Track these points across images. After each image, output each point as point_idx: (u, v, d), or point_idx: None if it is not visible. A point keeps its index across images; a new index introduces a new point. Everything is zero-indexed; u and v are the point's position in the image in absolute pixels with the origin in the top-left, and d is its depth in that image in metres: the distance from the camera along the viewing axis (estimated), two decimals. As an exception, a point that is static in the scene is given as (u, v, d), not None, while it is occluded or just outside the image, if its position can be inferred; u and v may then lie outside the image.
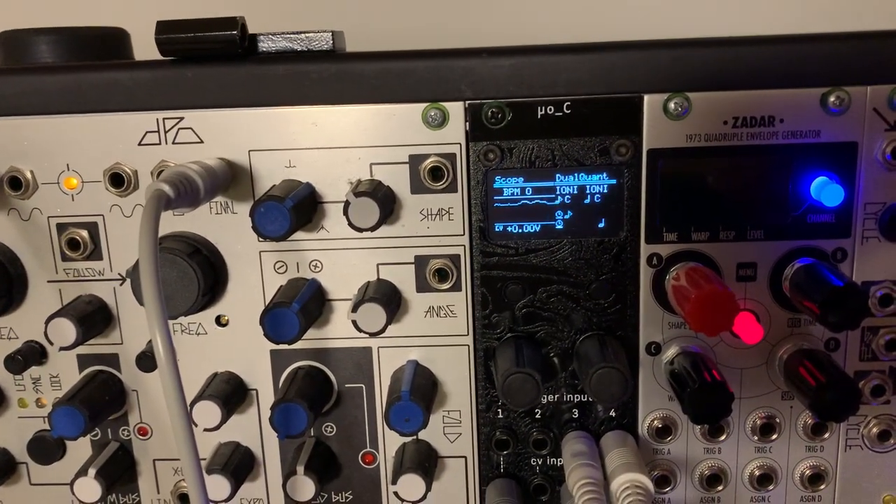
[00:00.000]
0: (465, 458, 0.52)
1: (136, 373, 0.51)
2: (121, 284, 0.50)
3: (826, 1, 0.77)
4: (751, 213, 0.47)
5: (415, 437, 0.51)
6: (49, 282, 0.50)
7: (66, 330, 0.47)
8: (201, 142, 0.48)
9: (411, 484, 0.49)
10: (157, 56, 0.47)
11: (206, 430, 0.48)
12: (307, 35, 0.47)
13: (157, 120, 0.47)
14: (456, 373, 0.50)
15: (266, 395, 0.51)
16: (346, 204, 0.44)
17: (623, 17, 0.79)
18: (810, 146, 0.46)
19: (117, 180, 0.48)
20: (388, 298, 0.47)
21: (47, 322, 0.47)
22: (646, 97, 0.46)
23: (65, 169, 0.48)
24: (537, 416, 0.51)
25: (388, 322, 0.46)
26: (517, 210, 0.48)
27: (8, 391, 0.52)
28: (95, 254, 0.49)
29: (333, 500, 0.53)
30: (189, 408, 0.47)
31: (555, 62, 0.46)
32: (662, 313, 0.49)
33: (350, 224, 0.45)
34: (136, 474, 0.53)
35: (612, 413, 0.51)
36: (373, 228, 0.45)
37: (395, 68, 0.46)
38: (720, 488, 0.52)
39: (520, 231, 0.48)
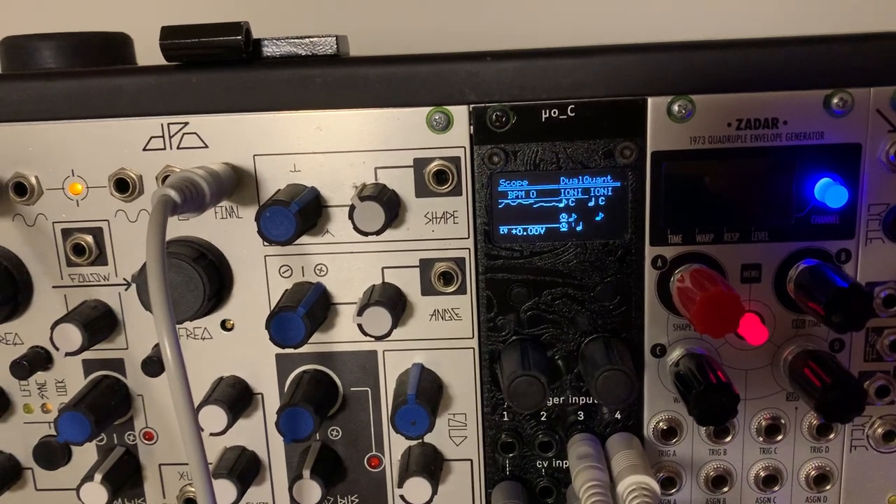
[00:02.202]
0: (471, 461, 0.52)
1: (142, 378, 0.51)
2: (126, 289, 0.50)
3: (829, 2, 0.77)
4: (755, 214, 0.47)
5: (420, 440, 0.51)
6: (54, 287, 0.50)
7: (71, 335, 0.47)
8: (206, 147, 0.48)
9: (417, 487, 0.49)
10: (160, 61, 0.47)
11: (211, 434, 0.48)
12: (311, 39, 0.48)
13: (162, 125, 0.47)
14: (461, 376, 0.50)
15: (272, 400, 0.51)
16: (351, 208, 0.45)
17: (626, 20, 0.79)
18: (814, 148, 0.46)
19: (122, 186, 0.48)
20: (394, 302, 0.47)
21: (53, 327, 0.47)
22: (650, 100, 0.46)
23: (70, 174, 0.48)
24: (543, 418, 0.51)
25: (394, 325, 0.46)
26: (522, 213, 0.48)
27: (13, 397, 0.52)
28: (100, 259, 0.49)
29: (339, 504, 0.53)
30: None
31: (558, 65, 0.46)
32: (667, 315, 0.49)
33: (355, 228, 0.45)
34: (141, 479, 0.53)
35: (618, 415, 0.51)
36: (378, 232, 0.45)
37: (399, 72, 0.46)
38: (726, 489, 0.52)
39: (524, 234, 0.48)
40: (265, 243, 0.48)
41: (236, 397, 0.49)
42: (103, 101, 0.48)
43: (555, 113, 0.46)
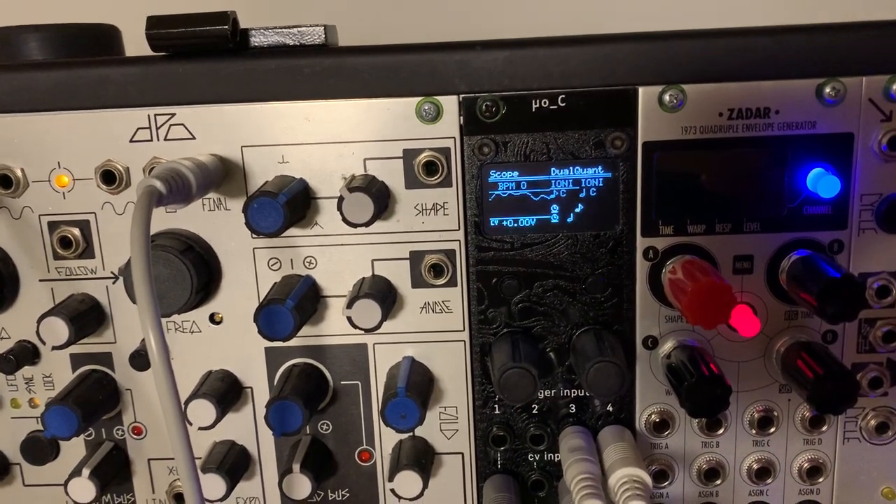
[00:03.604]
0: (462, 454, 0.52)
1: (130, 372, 0.50)
2: (113, 283, 0.49)
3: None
4: (747, 205, 0.47)
5: (411, 433, 0.51)
6: (41, 280, 0.50)
7: (58, 329, 0.47)
8: (193, 138, 0.47)
9: (408, 481, 0.48)
10: (148, 52, 0.47)
11: (200, 428, 0.48)
12: (299, 29, 0.47)
13: (149, 116, 0.47)
14: (452, 369, 0.50)
15: (261, 393, 0.51)
16: (340, 199, 0.44)
17: (617, 9, 0.78)
18: (806, 137, 0.46)
19: (109, 177, 0.48)
20: (384, 294, 0.47)
21: (39, 321, 0.47)
22: (640, 89, 0.46)
23: (56, 166, 0.48)
24: (534, 411, 0.51)
25: (384, 318, 0.46)
26: (512, 204, 0.47)
27: (0, 391, 0.52)
28: (87, 252, 0.49)
29: (330, 499, 0.53)
30: (183, 406, 0.46)
31: (549, 55, 0.45)
32: (659, 307, 0.49)
33: (344, 220, 0.44)
34: (130, 474, 0.53)
35: (610, 408, 0.51)
36: (367, 224, 0.44)
37: (388, 62, 0.46)
38: (718, 482, 0.51)
39: (515, 225, 0.48)
40: (253, 235, 0.48)
41: (225, 391, 0.49)
42: (89, 92, 0.47)
43: (545, 103, 0.46)
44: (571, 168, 0.47)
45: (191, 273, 0.46)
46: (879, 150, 0.46)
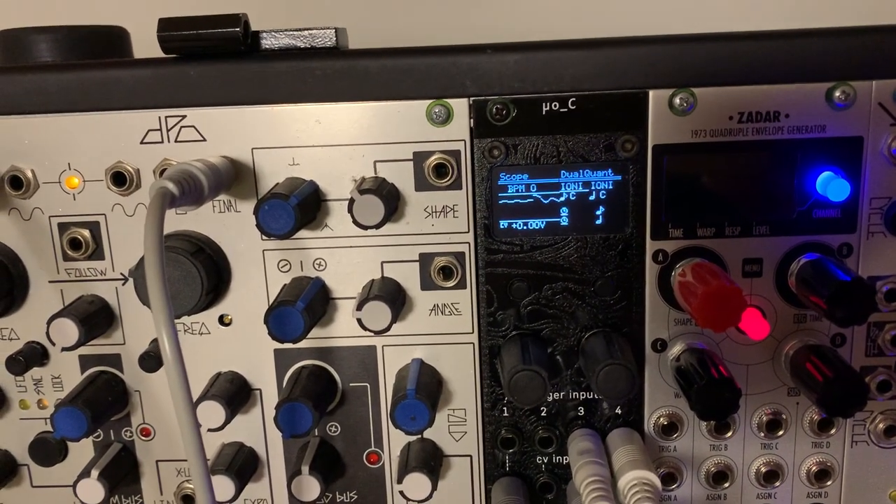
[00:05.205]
0: (471, 456, 0.52)
1: (139, 373, 0.50)
2: (123, 284, 0.50)
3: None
4: (756, 208, 0.47)
5: (420, 435, 0.51)
6: (50, 282, 0.50)
7: (67, 330, 0.47)
8: (204, 140, 0.47)
9: (417, 483, 0.48)
10: (156, 54, 0.47)
11: (209, 430, 0.48)
12: (310, 32, 0.47)
13: (160, 118, 0.47)
14: (461, 371, 0.50)
15: (270, 395, 0.51)
16: (351, 202, 0.44)
17: (627, 12, 0.78)
18: (816, 141, 0.46)
19: (119, 179, 0.48)
20: (393, 296, 0.47)
21: (49, 322, 0.47)
22: (651, 93, 0.46)
23: (66, 168, 0.48)
24: (543, 413, 0.51)
25: (393, 320, 0.46)
26: (522, 207, 0.47)
27: (9, 392, 0.52)
28: (97, 253, 0.49)
29: (338, 500, 0.53)
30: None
31: (559, 58, 0.45)
32: (668, 310, 0.49)
33: (354, 222, 0.44)
34: (139, 475, 0.53)
35: (618, 410, 0.51)
36: (377, 226, 0.45)
37: (398, 65, 0.46)
38: (727, 485, 0.51)
39: (525, 228, 0.48)
40: (264, 237, 0.48)
41: (234, 393, 0.49)
42: (100, 93, 0.47)
43: (555, 106, 0.46)
44: (581, 171, 0.47)
45: (201, 275, 0.46)
46: (889, 154, 0.46)
